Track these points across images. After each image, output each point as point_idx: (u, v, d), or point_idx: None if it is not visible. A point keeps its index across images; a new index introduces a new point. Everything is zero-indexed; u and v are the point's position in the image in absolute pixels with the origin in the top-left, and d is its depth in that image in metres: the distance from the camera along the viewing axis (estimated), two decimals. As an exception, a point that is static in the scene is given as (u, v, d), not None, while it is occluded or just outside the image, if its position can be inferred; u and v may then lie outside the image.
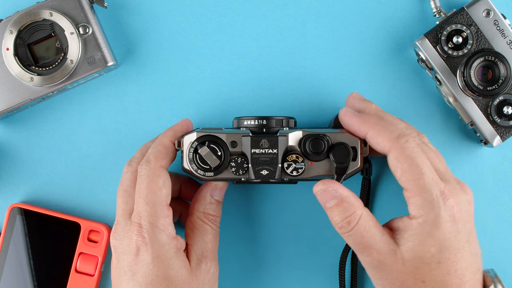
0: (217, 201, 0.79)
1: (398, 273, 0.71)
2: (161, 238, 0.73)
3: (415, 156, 0.71)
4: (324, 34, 0.87)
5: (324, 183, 0.74)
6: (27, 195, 0.86)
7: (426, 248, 0.70)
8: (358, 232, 0.72)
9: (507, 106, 0.82)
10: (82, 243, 0.84)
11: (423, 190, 0.70)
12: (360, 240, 0.72)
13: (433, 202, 0.70)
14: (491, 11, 0.82)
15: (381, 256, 0.71)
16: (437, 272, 0.70)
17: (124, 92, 0.87)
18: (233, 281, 0.86)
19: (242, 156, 0.76)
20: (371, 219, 0.73)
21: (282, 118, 0.77)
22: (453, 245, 0.71)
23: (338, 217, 0.73)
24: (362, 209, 0.73)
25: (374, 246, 0.71)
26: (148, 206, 0.73)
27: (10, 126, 0.87)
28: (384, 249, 0.71)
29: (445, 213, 0.70)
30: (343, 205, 0.73)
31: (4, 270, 0.84)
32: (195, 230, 0.78)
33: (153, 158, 0.75)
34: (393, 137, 0.72)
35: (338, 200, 0.73)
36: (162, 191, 0.74)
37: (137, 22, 0.87)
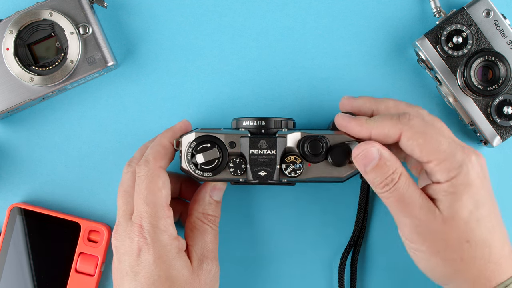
0: (216, 201, 0.79)
1: (441, 234, 0.70)
2: (162, 238, 0.73)
3: (425, 129, 0.72)
4: (324, 34, 0.87)
5: (365, 143, 0.73)
6: (27, 195, 0.87)
7: (463, 205, 0.70)
8: (400, 188, 0.71)
9: (507, 106, 0.81)
10: (82, 243, 0.84)
11: (447, 154, 0.70)
12: (402, 196, 0.71)
13: (459, 162, 0.70)
14: (491, 11, 0.82)
15: (422, 212, 0.70)
16: (480, 231, 0.70)
17: (124, 92, 0.87)
18: (233, 281, 0.86)
19: (241, 157, 0.76)
20: (411, 179, 0.72)
21: (281, 119, 0.77)
22: (487, 202, 0.71)
23: (380, 177, 0.72)
24: (402, 167, 0.72)
25: (415, 202, 0.71)
26: (149, 207, 0.73)
27: (10, 126, 0.87)
28: (425, 205, 0.71)
29: (472, 170, 0.70)
30: (386, 164, 0.72)
31: (4, 270, 0.84)
32: (195, 230, 0.78)
33: (152, 158, 0.75)
34: (395, 122, 0.72)
35: (379, 160, 0.72)
36: (162, 192, 0.74)
37: (137, 22, 0.87)
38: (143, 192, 0.74)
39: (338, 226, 0.86)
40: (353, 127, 0.75)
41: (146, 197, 0.73)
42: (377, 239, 0.86)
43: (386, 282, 0.86)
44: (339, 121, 0.76)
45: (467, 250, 0.70)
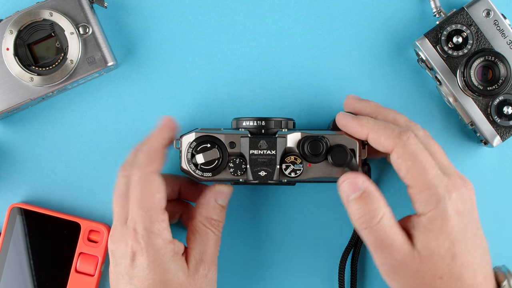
0: (221, 206, 0.79)
1: (417, 272, 0.71)
2: (156, 242, 0.73)
3: (417, 153, 0.71)
4: (324, 34, 0.87)
5: (350, 174, 0.73)
6: (27, 195, 0.86)
7: (440, 243, 0.70)
8: (381, 229, 0.71)
9: (507, 106, 0.81)
10: (82, 243, 0.84)
11: (428, 186, 0.71)
12: (383, 237, 0.71)
13: (439, 197, 0.70)
14: (491, 11, 0.82)
15: (401, 255, 0.71)
16: (453, 266, 0.70)
17: (124, 92, 0.87)
18: (232, 282, 0.86)
19: (241, 157, 0.76)
20: (393, 217, 0.72)
21: (281, 120, 0.77)
22: (464, 238, 0.71)
23: (361, 210, 0.71)
24: (386, 206, 0.72)
25: (395, 245, 0.71)
26: (142, 212, 0.73)
27: (10, 126, 0.87)
28: (404, 248, 0.71)
29: (451, 206, 0.70)
30: (369, 198, 0.72)
31: (4, 270, 0.84)
32: (196, 234, 0.77)
33: (144, 163, 0.74)
34: (394, 135, 0.72)
35: (363, 192, 0.72)
36: (155, 196, 0.74)
37: (137, 22, 0.87)
38: (137, 197, 0.73)
39: (338, 226, 0.86)
40: (353, 126, 0.75)
41: (140, 202, 0.73)
42: (377, 239, 0.86)
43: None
44: (340, 119, 0.76)
45: (439, 286, 0.71)
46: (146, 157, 0.75)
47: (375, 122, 0.74)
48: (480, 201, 0.85)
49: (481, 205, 0.85)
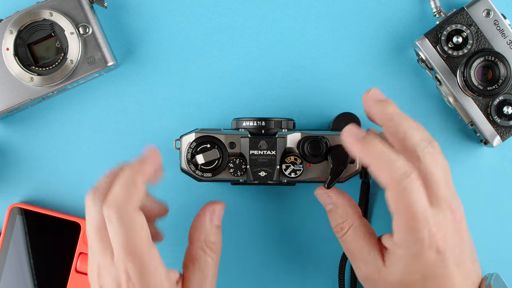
0: (216, 226, 0.74)
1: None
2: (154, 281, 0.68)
3: (411, 203, 0.67)
4: (324, 34, 0.87)
5: (322, 189, 0.76)
6: (27, 195, 0.87)
7: (411, 276, 0.69)
8: (347, 241, 0.73)
9: (507, 106, 0.81)
10: (82, 243, 0.84)
11: (412, 230, 0.68)
12: (348, 248, 0.73)
13: (417, 240, 0.68)
14: (491, 11, 0.82)
15: (367, 269, 0.71)
16: None
17: (124, 92, 0.87)
18: (232, 282, 0.86)
19: (241, 157, 0.76)
20: (363, 230, 0.72)
21: (281, 120, 0.77)
22: (439, 272, 0.69)
23: (332, 222, 0.75)
24: (356, 219, 0.73)
25: (359, 258, 0.72)
26: (132, 256, 0.67)
27: (10, 126, 0.87)
28: (371, 263, 0.71)
29: (429, 249, 0.68)
30: (338, 212, 0.74)
31: (4, 270, 0.84)
32: (196, 263, 0.72)
33: (123, 200, 0.67)
34: (393, 178, 0.68)
35: (333, 206, 0.74)
36: (141, 234, 0.67)
37: (137, 22, 0.87)
38: (120, 241, 0.67)
39: (338, 226, 0.86)
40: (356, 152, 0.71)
41: (125, 246, 0.67)
42: (377, 239, 0.86)
43: (386, 282, 0.86)
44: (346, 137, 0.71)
45: None
46: (125, 193, 0.68)
47: (379, 153, 0.69)
48: (480, 201, 0.86)
49: (481, 205, 0.86)
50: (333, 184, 0.76)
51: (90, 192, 0.70)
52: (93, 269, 0.70)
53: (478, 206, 0.86)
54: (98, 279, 0.70)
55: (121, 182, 0.68)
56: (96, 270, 0.70)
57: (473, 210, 0.85)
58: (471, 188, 0.86)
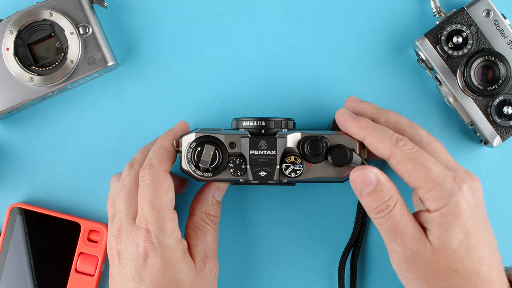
0: (217, 201, 0.80)
1: (430, 263, 0.70)
2: (169, 242, 0.73)
3: (416, 156, 0.71)
4: (324, 34, 0.87)
5: (362, 168, 0.73)
6: (27, 195, 0.87)
7: (453, 236, 0.70)
8: (395, 216, 0.71)
9: (507, 106, 0.81)
10: (82, 243, 0.84)
11: (436, 183, 0.70)
12: (395, 224, 0.71)
13: (448, 192, 0.70)
14: (491, 11, 0.82)
15: (414, 243, 0.71)
16: (468, 260, 0.70)
17: (124, 92, 0.87)
18: (232, 282, 0.86)
19: (241, 157, 0.76)
20: (405, 205, 0.72)
21: (281, 120, 0.77)
22: (476, 231, 0.71)
23: (375, 202, 0.72)
24: (398, 194, 0.72)
25: (408, 232, 0.71)
26: (155, 211, 0.73)
27: (10, 126, 0.87)
28: (417, 236, 0.71)
29: (462, 200, 0.70)
30: (383, 190, 0.72)
31: (4, 270, 0.84)
32: (198, 231, 0.78)
33: (157, 162, 0.75)
34: (391, 142, 0.72)
35: (376, 185, 0.72)
36: (167, 195, 0.74)
37: (137, 22, 0.87)
38: (149, 195, 0.73)
39: (338, 226, 0.86)
40: (351, 126, 0.75)
41: (152, 200, 0.73)
42: (377, 239, 0.86)
43: (386, 282, 0.86)
44: (339, 118, 0.76)
45: (454, 279, 0.70)
46: (158, 156, 0.75)
47: (373, 126, 0.74)
48: (480, 201, 0.85)
49: (481, 205, 0.85)
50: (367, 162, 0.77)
51: (127, 164, 0.78)
52: (112, 236, 0.76)
53: (478, 206, 0.86)
54: (116, 244, 0.75)
55: (154, 148, 0.77)
56: (115, 234, 0.75)
57: (473, 210, 0.85)
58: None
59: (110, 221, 0.78)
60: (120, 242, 0.75)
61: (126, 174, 0.77)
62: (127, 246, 0.74)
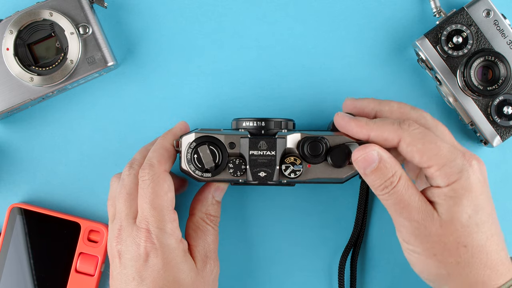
0: (217, 201, 0.80)
1: (438, 237, 0.70)
2: (170, 243, 0.73)
3: (424, 135, 0.72)
4: (324, 34, 0.87)
5: (364, 147, 0.72)
6: (27, 195, 0.87)
7: (462, 209, 0.70)
8: (399, 191, 0.71)
9: (507, 106, 0.81)
10: (82, 243, 0.84)
11: (446, 159, 0.71)
12: (401, 198, 0.71)
13: (459, 168, 0.70)
14: (491, 11, 0.82)
15: (420, 215, 0.71)
16: (478, 236, 0.70)
17: (124, 92, 0.87)
18: (233, 282, 0.86)
19: (240, 158, 0.76)
20: (409, 179, 0.72)
21: (280, 120, 0.77)
22: (486, 207, 0.71)
23: (380, 179, 0.72)
24: (401, 169, 0.72)
25: (414, 205, 0.71)
26: (156, 211, 0.73)
27: (10, 126, 0.87)
28: (423, 208, 0.71)
29: (473, 175, 0.71)
30: (386, 167, 0.72)
31: (4, 270, 0.84)
32: (198, 231, 0.78)
33: (157, 162, 0.75)
34: (395, 128, 0.73)
35: (379, 163, 0.72)
36: (167, 195, 0.74)
37: (137, 22, 0.87)
38: (149, 196, 0.73)
39: (338, 226, 0.86)
40: (352, 128, 0.75)
41: (152, 201, 0.73)
42: (376, 239, 0.86)
43: (386, 282, 0.86)
44: (338, 121, 0.76)
45: (463, 255, 0.70)
46: (158, 156, 0.75)
47: (373, 121, 0.74)
48: (480, 201, 0.85)
49: (481, 205, 0.85)
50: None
51: (127, 164, 0.78)
52: (112, 236, 0.76)
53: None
54: (116, 244, 0.75)
55: (154, 148, 0.77)
56: (116, 234, 0.75)
57: (473, 210, 0.85)
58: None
59: (111, 221, 0.78)
60: (120, 242, 0.75)
61: (126, 174, 0.77)
62: (128, 246, 0.74)
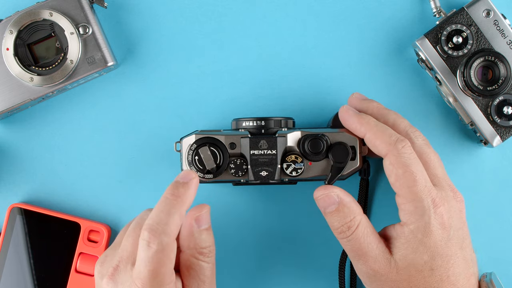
0: (205, 229, 0.72)
1: (393, 282, 0.72)
2: None
3: (410, 163, 0.71)
4: (324, 34, 0.87)
5: (325, 188, 0.74)
6: (27, 195, 0.86)
7: (418, 256, 0.71)
8: (356, 238, 0.72)
9: (507, 106, 0.81)
10: (82, 243, 0.84)
11: (415, 197, 0.71)
12: (358, 246, 0.72)
13: (424, 210, 0.70)
14: (491, 11, 0.82)
15: (376, 264, 0.72)
16: (431, 279, 0.71)
17: (124, 92, 0.87)
18: (233, 282, 0.86)
19: (241, 158, 0.76)
20: (369, 226, 0.73)
21: (280, 119, 0.77)
22: (445, 252, 0.71)
23: (337, 222, 0.73)
24: (361, 215, 0.73)
25: (370, 254, 0.72)
26: (155, 282, 0.66)
27: (10, 126, 0.87)
28: (380, 257, 0.72)
29: (435, 221, 0.70)
30: (344, 210, 0.73)
31: (4, 270, 0.84)
32: (191, 270, 0.71)
33: (170, 231, 0.67)
34: (391, 141, 0.72)
35: (339, 205, 0.73)
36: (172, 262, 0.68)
37: (137, 22, 0.87)
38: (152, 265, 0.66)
39: (338, 226, 0.86)
40: (353, 122, 0.75)
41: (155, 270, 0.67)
42: (377, 239, 0.86)
43: (386, 282, 0.86)
44: (342, 114, 0.76)
45: None
46: (172, 224, 0.68)
47: (375, 123, 0.74)
48: (480, 201, 0.86)
49: (481, 205, 0.86)
50: (334, 182, 0.76)
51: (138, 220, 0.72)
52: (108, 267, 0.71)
53: (478, 206, 0.86)
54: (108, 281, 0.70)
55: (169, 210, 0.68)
56: (111, 271, 0.70)
57: (473, 210, 0.85)
58: (471, 188, 0.86)
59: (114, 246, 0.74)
60: (113, 283, 0.70)
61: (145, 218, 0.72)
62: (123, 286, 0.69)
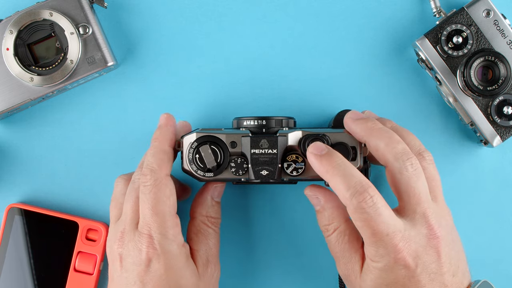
0: (217, 202, 0.80)
1: None
2: (172, 248, 0.73)
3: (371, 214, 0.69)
4: (324, 34, 0.87)
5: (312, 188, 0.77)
6: (27, 195, 0.86)
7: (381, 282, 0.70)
8: (331, 242, 0.75)
9: (507, 106, 0.82)
10: (80, 242, 0.84)
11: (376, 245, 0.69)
12: (332, 249, 0.75)
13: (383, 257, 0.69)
14: (491, 11, 0.82)
15: (346, 271, 0.74)
16: None
17: (124, 92, 0.87)
18: (233, 282, 0.86)
19: (242, 157, 0.76)
20: (347, 234, 0.74)
21: (281, 118, 0.77)
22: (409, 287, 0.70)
23: (319, 222, 0.77)
24: (342, 222, 0.75)
25: (341, 260, 0.74)
26: (158, 217, 0.72)
27: (10, 126, 0.87)
28: (350, 267, 0.73)
29: (395, 264, 0.69)
30: (325, 214, 0.76)
31: (3, 270, 0.84)
32: (200, 234, 0.78)
33: (157, 166, 0.73)
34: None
35: (320, 208, 0.76)
36: (170, 200, 0.73)
37: (137, 22, 0.87)
38: (151, 201, 0.72)
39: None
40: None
41: (154, 206, 0.72)
42: (377, 239, 0.86)
43: (386, 282, 0.86)
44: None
45: None
46: (158, 160, 0.74)
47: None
48: (480, 201, 0.86)
49: (481, 205, 0.86)
50: None
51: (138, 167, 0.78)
52: (114, 238, 0.75)
53: (478, 206, 0.86)
54: (118, 247, 0.74)
55: (153, 152, 0.75)
56: (118, 237, 0.74)
57: (473, 210, 0.85)
58: (471, 188, 0.86)
59: (113, 222, 0.78)
60: (122, 246, 0.74)
61: (137, 178, 0.76)
62: (130, 251, 0.73)
